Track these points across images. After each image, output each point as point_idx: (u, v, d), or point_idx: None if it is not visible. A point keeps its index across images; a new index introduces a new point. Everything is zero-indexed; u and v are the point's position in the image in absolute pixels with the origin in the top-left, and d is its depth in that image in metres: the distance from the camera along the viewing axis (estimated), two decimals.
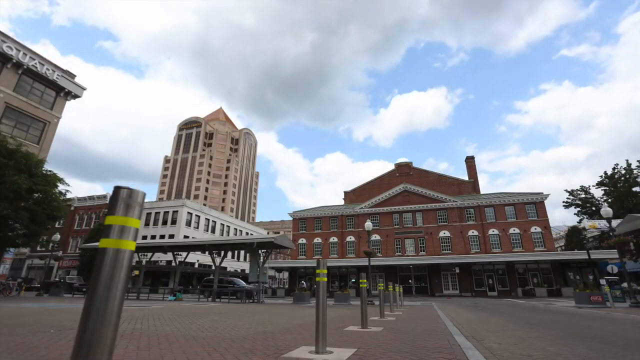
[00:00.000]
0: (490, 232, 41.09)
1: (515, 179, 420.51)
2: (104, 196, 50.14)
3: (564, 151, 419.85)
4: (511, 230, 40.37)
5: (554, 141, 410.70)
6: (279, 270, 47.88)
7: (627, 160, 37.27)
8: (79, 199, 51.50)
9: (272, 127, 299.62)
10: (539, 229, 39.45)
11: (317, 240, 47.37)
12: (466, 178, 50.93)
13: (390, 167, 68.86)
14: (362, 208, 46.72)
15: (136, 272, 28.51)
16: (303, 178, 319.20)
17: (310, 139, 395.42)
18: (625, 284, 18.57)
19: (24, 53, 24.67)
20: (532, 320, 8.60)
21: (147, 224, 50.14)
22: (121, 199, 1.44)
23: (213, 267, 27.04)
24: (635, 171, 36.08)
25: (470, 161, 52.04)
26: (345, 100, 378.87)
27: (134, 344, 4.03)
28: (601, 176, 38.90)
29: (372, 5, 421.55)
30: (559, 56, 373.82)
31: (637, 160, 36.22)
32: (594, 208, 38.42)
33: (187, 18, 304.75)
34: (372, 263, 24.07)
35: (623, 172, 37.04)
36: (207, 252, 26.19)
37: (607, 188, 37.70)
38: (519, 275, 37.23)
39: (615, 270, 19.71)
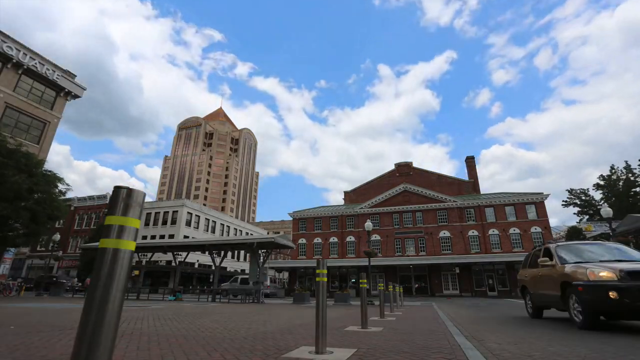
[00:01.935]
0: (490, 232, 41.08)
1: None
2: (104, 196, 50.16)
3: None
4: (511, 230, 40.36)
5: None
6: (279, 270, 47.86)
7: (626, 162, 37.31)
8: (79, 199, 51.53)
9: None
10: (539, 229, 39.43)
11: (317, 240, 47.36)
12: (468, 175, 50.95)
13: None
14: (362, 208, 46.72)
15: (136, 272, 28.51)
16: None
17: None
18: None
19: (24, 53, 24.67)
20: (532, 320, 8.60)
21: (147, 224, 50.15)
22: (121, 199, 1.44)
23: (213, 267, 27.03)
24: (635, 171, 36.08)
25: (470, 161, 52.05)
26: None
27: (134, 344, 4.02)
28: (598, 178, 39.05)
29: None
30: None
31: (639, 160, 36.22)
32: (593, 209, 38.45)
33: None
34: (372, 263, 24.08)
35: (622, 171, 37.07)
36: (207, 252, 26.17)
37: (605, 190, 37.72)
38: None
39: None
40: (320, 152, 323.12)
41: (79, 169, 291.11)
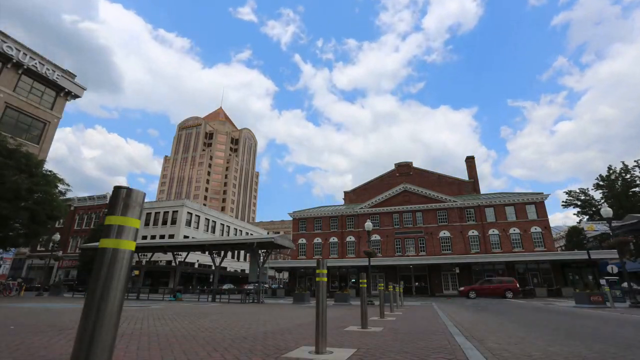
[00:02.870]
0: (490, 232, 41.06)
1: None
2: (104, 196, 50.16)
3: None
4: (511, 231, 40.34)
5: None
6: (279, 270, 47.84)
7: (623, 162, 37.38)
8: (79, 199, 51.52)
9: None
10: (539, 229, 39.42)
11: (317, 240, 47.34)
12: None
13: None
14: (362, 208, 46.71)
15: (136, 272, 28.50)
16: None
17: None
18: (625, 284, 18.58)
19: (24, 53, 24.67)
20: (532, 320, 8.60)
21: (147, 224, 50.14)
22: (121, 199, 1.44)
23: (213, 267, 27.04)
24: (631, 171, 36.08)
25: (470, 161, 52.03)
26: None
27: (134, 344, 4.02)
28: (597, 179, 39.08)
29: None
30: None
31: (635, 161, 36.25)
32: (593, 209, 38.45)
33: None
34: (372, 263, 24.06)
35: (619, 171, 37.10)
36: (207, 252, 26.17)
37: (604, 190, 37.74)
38: (519, 275, 37.21)
39: (615, 270, 19.70)
40: (317, 118, 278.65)
41: None
